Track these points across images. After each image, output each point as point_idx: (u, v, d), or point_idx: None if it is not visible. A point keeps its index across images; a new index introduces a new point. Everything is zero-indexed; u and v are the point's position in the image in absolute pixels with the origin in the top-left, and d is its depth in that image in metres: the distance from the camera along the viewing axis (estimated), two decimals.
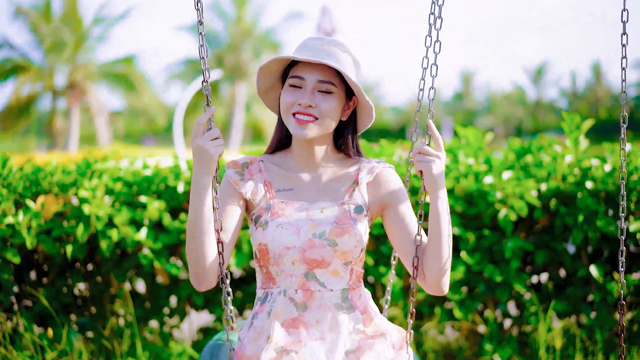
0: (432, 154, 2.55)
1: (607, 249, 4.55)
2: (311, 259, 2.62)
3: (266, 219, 2.66)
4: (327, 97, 2.64)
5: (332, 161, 2.79)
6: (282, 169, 2.78)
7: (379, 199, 2.74)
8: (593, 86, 78.32)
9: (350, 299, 2.69)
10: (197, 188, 2.54)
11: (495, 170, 4.59)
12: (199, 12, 2.60)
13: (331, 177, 2.76)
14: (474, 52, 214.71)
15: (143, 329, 4.73)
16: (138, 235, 4.40)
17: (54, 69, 39.50)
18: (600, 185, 4.44)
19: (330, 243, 2.61)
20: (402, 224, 2.69)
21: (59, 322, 4.52)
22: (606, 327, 4.50)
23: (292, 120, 2.64)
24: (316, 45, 2.65)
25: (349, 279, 2.70)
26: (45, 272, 4.69)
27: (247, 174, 2.76)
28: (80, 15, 39.63)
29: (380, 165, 2.78)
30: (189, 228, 2.56)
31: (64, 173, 4.50)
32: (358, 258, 2.70)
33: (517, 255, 4.48)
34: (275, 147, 2.84)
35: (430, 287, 2.64)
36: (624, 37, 2.80)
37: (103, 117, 42.20)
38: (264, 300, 2.71)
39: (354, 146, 2.80)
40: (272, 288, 2.70)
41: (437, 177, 2.55)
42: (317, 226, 2.63)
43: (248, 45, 43.59)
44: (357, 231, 2.64)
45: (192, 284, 2.66)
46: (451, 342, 4.97)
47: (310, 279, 2.65)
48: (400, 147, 5.28)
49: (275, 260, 2.64)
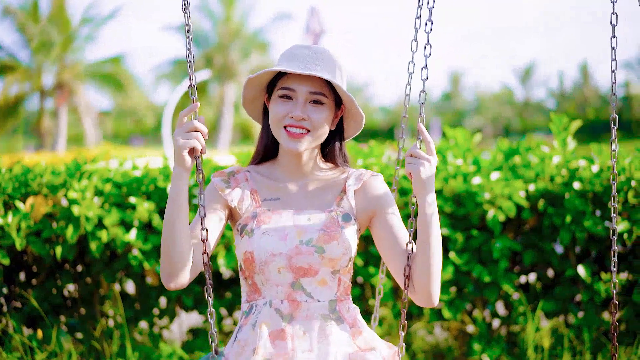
0: (423, 157, 2.51)
1: (595, 249, 4.58)
2: (298, 267, 2.54)
3: (252, 227, 2.57)
4: (319, 108, 2.59)
5: (320, 170, 2.74)
6: (268, 179, 2.71)
7: (366, 207, 2.66)
8: (580, 86, 78.56)
9: (338, 310, 2.60)
10: (172, 179, 2.50)
11: (484, 171, 4.61)
12: (186, 16, 2.56)
13: (318, 186, 2.70)
14: (462, 53, 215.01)
15: (133, 330, 4.73)
16: (128, 236, 4.40)
17: (41, 69, 39.36)
18: (587, 186, 4.47)
19: (317, 250, 2.54)
20: (390, 232, 2.62)
21: (49, 323, 4.52)
22: (594, 326, 4.53)
23: (283, 133, 2.58)
24: (304, 55, 2.60)
25: (337, 289, 2.61)
26: (34, 274, 4.69)
27: (233, 182, 2.68)
28: (68, 15, 39.49)
29: (368, 173, 2.72)
30: (165, 224, 2.49)
31: (53, 174, 4.50)
32: (346, 268, 2.62)
33: (505, 255, 4.51)
34: (261, 157, 2.78)
35: (420, 297, 2.56)
36: (614, 40, 2.81)
37: (91, 117, 42.06)
38: (249, 313, 2.62)
39: (341, 155, 2.76)
40: (257, 300, 2.61)
41: (425, 180, 2.50)
42: (304, 233, 2.55)
43: (236, 45, 43.57)
44: (345, 238, 2.56)
45: (163, 284, 2.55)
46: (440, 342, 4.99)
47: (297, 289, 2.56)
48: (389, 147, 5.30)
49: (260, 268, 2.55)
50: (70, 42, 39.39)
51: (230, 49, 43.33)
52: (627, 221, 4.38)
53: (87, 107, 41.12)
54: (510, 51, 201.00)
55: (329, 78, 2.53)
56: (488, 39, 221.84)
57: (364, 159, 4.75)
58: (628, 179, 4.39)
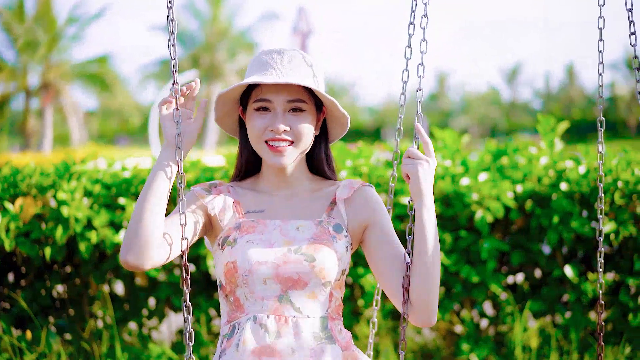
0: (421, 158, 2.36)
1: (582, 250, 4.62)
2: (286, 277, 2.32)
3: (235, 237, 2.37)
4: (300, 116, 2.39)
5: (307, 180, 2.53)
6: (252, 191, 2.51)
7: (358, 217, 2.45)
8: (566, 87, 78.93)
9: (330, 329, 2.36)
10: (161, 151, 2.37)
11: (472, 172, 4.63)
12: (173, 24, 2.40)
13: (306, 197, 2.49)
14: (449, 53, 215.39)
15: (122, 330, 4.74)
16: (117, 237, 4.40)
17: (27, 69, 39.23)
18: (575, 187, 4.50)
19: (307, 258, 2.32)
20: (384, 245, 2.42)
21: (38, 324, 4.52)
22: (581, 326, 4.56)
23: (265, 148, 2.38)
24: (275, 61, 2.40)
25: (328, 306, 2.38)
26: (23, 275, 4.69)
27: (215, 191, 2.47)
28: (54, 14, 39.37)
29: (359, 182, 2.51)
30: (141, 195, 2.31)
31: (42, 175, 4.50)
32: (338, 282, 2.40)
33: (493, 255, 4.53)
34: (243, 173, 2.57)
35: (417, 314, 2.35)
36: (601, 43, 2.83)
37: (77, 117, 41.95)
38: (231, 335, 2.37)
39: (327, 162, 2.56)
40: (239, 318, 2.37)
41: (423, 183, 2.33)
42: (292, 242, 2.35)
43: (223, 45, 43.57)
44: (337, 248, 2.36)
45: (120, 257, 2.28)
46: (428, 342, 5.01)
47: (285, 303, 2.33)
48: (378, 148, 5.32)
49: (244, 279, 2.32)
50: (56, 41, 39.27)
51: (217, 49, 43.33)
52: (614, 222, 4.41)
53: (72, 107, 40.99)
54: (497, 51, 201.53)
55: (306, 83, 2.32)
56: (475, 39, 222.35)
57: (353, 160, 4.75)
58: (615, 180, 4.42)
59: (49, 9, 39.00)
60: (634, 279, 4.44)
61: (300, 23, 20.15)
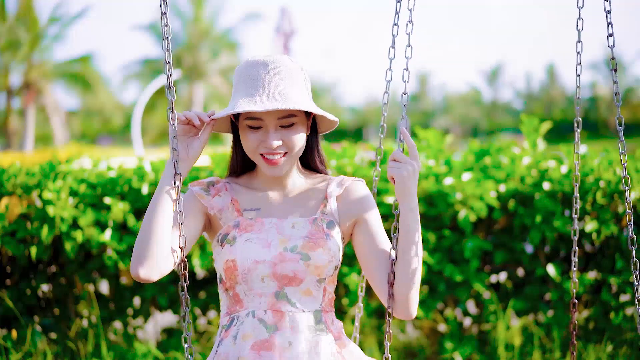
0: (406, 161, 2.47)
1: (564, 249, 4.66)
2: (282, 275, 2.44)
3: (234, 235, 2.47)
4: (291, 129, 2.46)
5: (300, 177, 2.63)
6: (248, 189, 2.61)
7: (349, 212, 2.58)
8: (547, 87, 79.25)
9: (324, 321, 2.50)
10: (166, 167, 2.44)
11: (455, 171, 4.67)
12: (163, 18, 2.45)
13: (300, 194, 2.61)
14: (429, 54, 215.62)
15: (107, 329, 4.75)
16: (102, 237, 4.41)
17: (9, 68, 39.09)
18: (557, 187, 4.55)
19: (302, 257, 2.44)
20: (372, 239, 2.55)
21: (23, 324, 4.53)
22: (563, 325, 4.61)
23: (260, 160, 2.47)
24: (262, 78, 2.44)
25: (322, 300, 2.51)
26: (8, 274, 4.70)
27: (213, 190, 2.58)
28: (35, 14, 39.23)
29: (350, 179, 2.63)
30: (149, 210, 2.40)
31: (27, 175, 4.51)
32: (331, 277, 2.52)
33: (476, 255, 4.57)
34: (240, 170, 2.67)
35: (398, 307, 2.51)
36: (579, 44, 2.87)
37: (59, 116, 41.81)
38: (229, 326, 2.50)
39: (319, 156, 2.66)
40: (238, 311, 2.50)
41: (407, 185, 2.46)
42: (288, 240, 2.46)
43: (206, 45, 43.54)
44: (330, 246, 2.47)
45: (131, 271, 2.38)
46: (412, 340, 5.04)
47: (281, 299, 2.45)
48: (361, 148, 5.34)
49: (243, 277, 2.45)
50: (37, 41, 39.13)
51: (200, 48, 43.29)
52: (596, 221, 4.46)
53: (54, 107, 40.88)
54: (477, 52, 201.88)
55: (296, 107, 2.38)
56: (455, 40, 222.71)
57: (337, 159, 4.78)
58: (597, 179, 4.47)
59: (31, 8, 38.86)
60: (615, 277, 4.49)
61: (283, 23, 20.16)
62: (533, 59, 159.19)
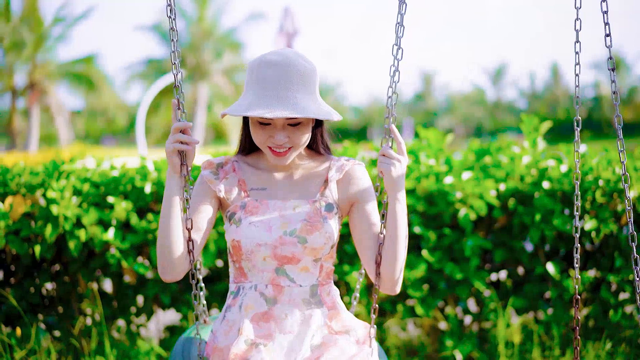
0: (394, 157, 2.67)
1: (564, 247, 4.68)
2: (282, 256, 2.69)
3: (240, 217, 2.71)
4: (298, 128, 2.65)
5: (304, 159, 2.85)
6: (255, 168, 2.84)
7: (347, 195, 2.80)
8: (551, 87, 79.10)
9: (319, 294, 2.77)
10: (166, 181, 2.68)
11: (456, 170, 4.70)
12: (170, 20, 2.69)
13: (303, 176, 2.82)
14: (434, 53, 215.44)
15: (111, 327, 4.77)
16: (106, 236, 4.44)
17: (13, 69, 39.15)
18: (556, 185, 4.57)
19: (300, 240, 2.68)
20: (366, 221, 2.78)
21: (27, 322, 4.55)
22: (562, 322, 4.63)
23: (268, 151, 2.68)
24: (275, 79, 2.56)
25: (319, 275, 2.77)
26: (13, 272, 4.72)
27: (222, 173, 2.81)
28: (40, 14, 39.30)
29: (350, 162, 2.83)
30: (160, 220, 2.67)
31: (31, 174, 4.53)
32: (328, 255, 2.78)
33: (476, 253, 4.60)
34: (248, 148, 2.88)
35: (384, 284, 2.75)
36: (577, 44, 2.90)
37: (63, 117, 41.87)
38: (236, 294, 2.79)
39: (323, 142, 2.86)
40: (244, 282, 2.78)
41: (396, 179, 2.67)
42: (288, 223, 2.69)
43: (209, 45, 43.55)
44: (327, 228, 2.70)
45: (160, 276, 2.70)
46: (413, 338, 5.06)
47: (281, 275, 2.72)
48: (363, 147, 5.37)
49: (247, 256, 2.71)
50: (42, 41, 39.19)
51: (203, 48, 43.31)
52: (595, 219, 4.48)
53: (58, 107, 40.94)
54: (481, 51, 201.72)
55: (308, 115, 2.53)
56: (460, 39, 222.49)
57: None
58: (596, 178, 4.49)
59: (35, 9, 38.93)
60: (614, 275, 4.51)
61: (286, 23, 20.15)
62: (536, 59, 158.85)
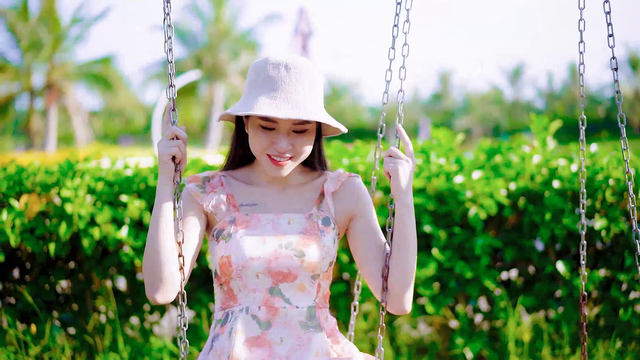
0: (401, 157, 2.49)
1: (574, 246, 4.69)
2: (277, 271, 2.45)
3: (229, 232, 2.47)
4: (303, 136, 2.46)
5: (298, 174, 2.62)
6: (245, 183, 2.61)
7: (345, 208, 2.59)
8: (569, 87, 78.66)
9: (317, 317, 2.51)
10: (157, 189, 2.44)
11: (466, 170, 4.72)
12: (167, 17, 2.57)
13: (297, 190, 2.60)
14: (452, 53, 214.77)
15: (124, 325, 4.81)
16: (119, 234, 4.48)
17: (31, 69, 39.36)
18: (566, 185, 4.58)
19: (297, 254, 2.45)
20: (367, 235, 2.57)
21: (42, 319, 4.60)
22: (573, 321, 4.64)
23: (266, 160, 2.45)
24: (282, 80, 2.41)
25: (316, 296, 2.52)
26: (28, 270, 4.78)
27: (209, 187, 2.57)
28: (58, 15, 39.49)
29: (346, 174, 2.63)
30: (149, 232, 2.42)
31: (46, 173, 4.58)
32: (326, 273, 2.54)
33: (486, 252, 4.61)
34: (238, 162, 2.66)
35: (392, 301, 2.52)
36: (581, 44, 2.92)
37: (81, 117, 42.07)
38: (224, 321, 2.51)
39: (320, 157, 2.65)
40: (233, 307, 2.51)
41: (402, 180, 2.46)
42: (283, 236, 2.47)
43: (226, 45, 43.58)
44: (325, 242, 2.49)
45: (148, 296, 2.43)
46: (424, 336, 5.08)
47: (275, 295, 2.47)
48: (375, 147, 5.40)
49: (238, 273, 2.45)
50: (60, 42, 39.39)
51: (220, 49, 43.35)
52: (605, 219, 4.49)
53: (76, 107, 41.14)
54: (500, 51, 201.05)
55: (317, 118, 2.38)
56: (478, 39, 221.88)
57: (349, 158, 4.84)
58: (606, 177, 4.50)
59: (53, 9, 39.13)
60: (624, 274, 4.52)
61: (301, 24, 20.18)
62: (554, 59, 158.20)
